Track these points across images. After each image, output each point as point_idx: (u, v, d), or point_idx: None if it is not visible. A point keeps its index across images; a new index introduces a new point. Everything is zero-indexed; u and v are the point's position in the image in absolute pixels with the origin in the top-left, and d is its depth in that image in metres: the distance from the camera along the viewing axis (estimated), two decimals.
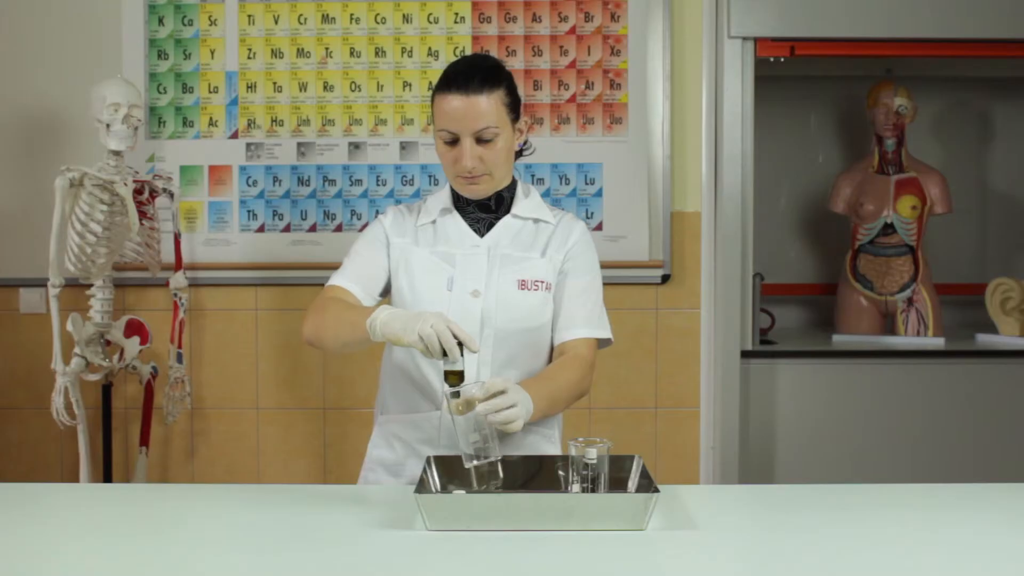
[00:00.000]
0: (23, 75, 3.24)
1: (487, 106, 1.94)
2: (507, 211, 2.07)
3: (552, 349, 2.08)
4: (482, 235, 2.05)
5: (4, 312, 3.28)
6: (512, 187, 2.08)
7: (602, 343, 2.09)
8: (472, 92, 1.93)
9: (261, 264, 3.27)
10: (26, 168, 3.25)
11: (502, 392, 1.75)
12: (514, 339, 2.01)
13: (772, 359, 3.33)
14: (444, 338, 1.71)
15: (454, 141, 1.96)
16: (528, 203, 2.08)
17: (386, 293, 2.10)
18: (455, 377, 1.76)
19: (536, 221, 2.08)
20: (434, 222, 2.07)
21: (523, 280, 2.01)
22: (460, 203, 2.07)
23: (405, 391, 2.07)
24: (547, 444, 2.09)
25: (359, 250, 2.09)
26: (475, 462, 1.77)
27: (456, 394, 1.76)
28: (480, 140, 1.95)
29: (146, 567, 1.56)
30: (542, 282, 2.02)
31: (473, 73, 1.95)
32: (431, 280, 2.02)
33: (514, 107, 2.00)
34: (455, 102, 1.93)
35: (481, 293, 1.99)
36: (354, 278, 2.06)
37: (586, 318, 2.05)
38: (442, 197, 2.09)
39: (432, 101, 2.00)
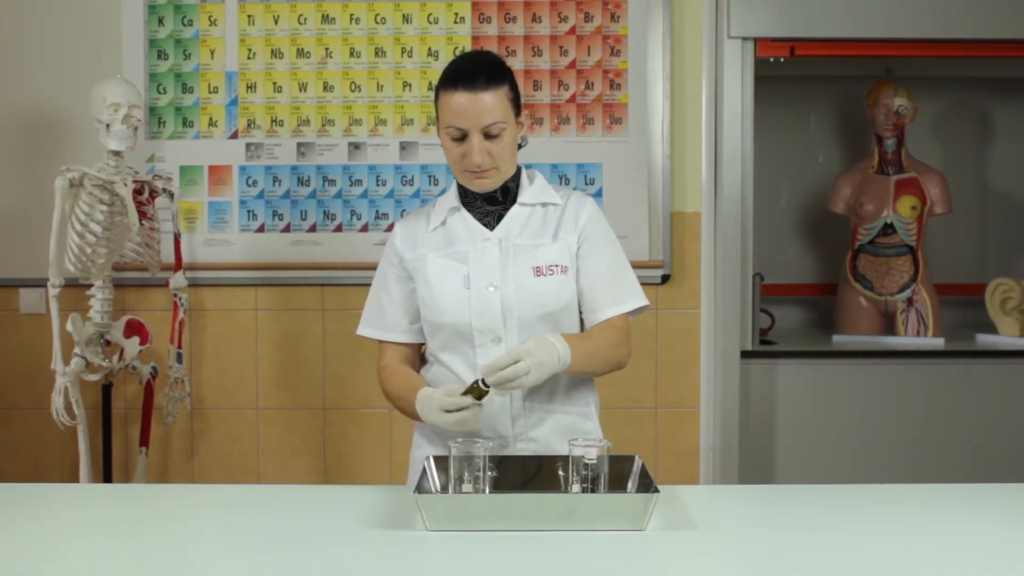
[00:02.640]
0: (23, 75, 3.24)
1: (493, 102, 1.96)
2: (514, 201, 2.09)
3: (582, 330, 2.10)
4: (492, 228, 2.07)
5: (4, 312, 3.28)
6: (516, 176, 2.10)
7: (637, 311, 2.12)
8: (479, 89, 1.95)
9: (261, 264, 3.27)
10: (26, 168, 3.25)
11: (515, 361, 1.84)
12: (538, 325, 2.03)
13: (772, 359, 3.33)
14: (457, 422, 1.86)
15: (461, 137, 1.98)
16: (533, 189, 2.10)
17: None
18: (476, 391, 1.87)
19: (544, 205, 2.10)
20: (444, 223, 2.10)
21: (538, 267, 2.04)
22: (467, 199, 2.09)
23: (445, 385, 2.09)
24: (586, 422, 2.11)
25: (377, 294, 2.15)
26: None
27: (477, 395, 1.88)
28: (487, 135, 1.98)
29: (146, 567, 1.56)
30: (557, 266, 2.05)
31: (479, 70, 1.97)
32: (446, 283, 2.05)
33: (516, 101, 2.04)
34: (462, 99, 1.96)
35: (498, 286, 2.02)
36: (391, 326, 2.13)
37: (614, 296, 2.07)
38: (450, 196, 2.12)
39: (436, 99, 2.02)
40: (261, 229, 3.27)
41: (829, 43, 3.27)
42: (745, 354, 3.29)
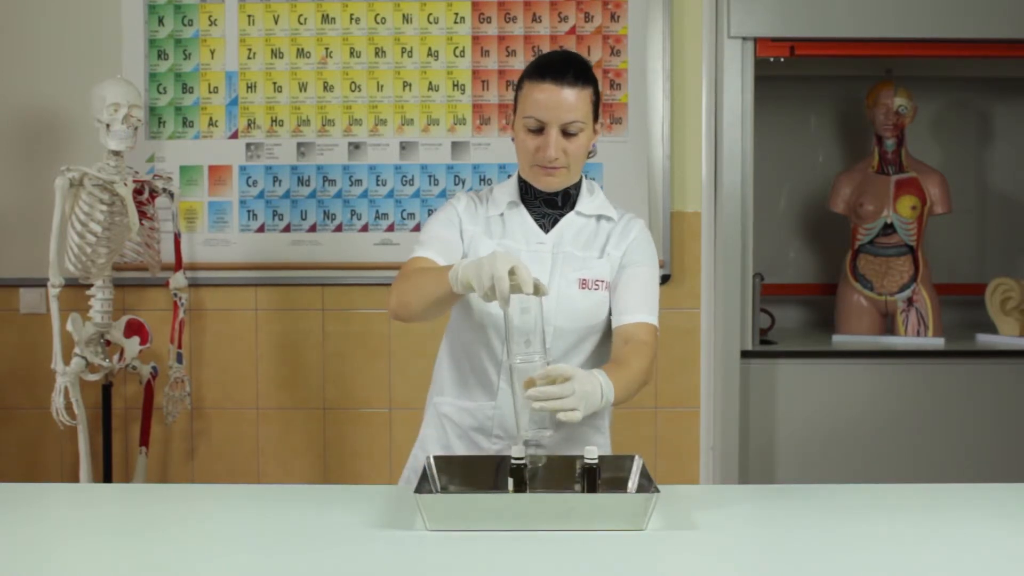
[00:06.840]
0: (23, 75, 3.24)
1: (578, 100, 1.96)
2: (572, 207, 2.08)
3: (600, 337, 2.08)
4: (547, 231, 2.07)
5: (4, 312, 3.28)
6: (578, 184, 2.09)
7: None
8: (567, 84, 1.95)
9: (261, 264, 3.27)
10: (26, 168, 3.25)
11: (565, 379, 1.73)
12: (572, 336, 2.04)
13: (772, 359, 3.33)
14: (521, 275, 1.71)
15: (539, 129, 1.97)
16: (592, 200, 2.10)
17: None
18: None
19: (599, 218, 2.10)
20: (501, 215, 2.09)
21: (584, 280, 2.04)
22: (527, 196, 2.08)
23: (464, 377, 2.09)
24: (597, 435, 2.11)
25: (434, 229, 2.08)
26: (524, 445, 1.77)
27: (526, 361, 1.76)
28: (565, 132, 1.97)
29: (146, 567, 1.56)
30: (602, 281, 2.05)
31: (569, 66, 1.97)
32: None
33: (597, 107, 2.03)
34: (548, 91, 1.95)
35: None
36: (435, 248, 2.04)
37: (648, 305, 2.05)
38: (509, 189, 2.10)
39: (519, 88, 2.01)
40: (261, 229, 3.27)
41: (829, 43, 3.27)
42: (745, 354, 3.29)
